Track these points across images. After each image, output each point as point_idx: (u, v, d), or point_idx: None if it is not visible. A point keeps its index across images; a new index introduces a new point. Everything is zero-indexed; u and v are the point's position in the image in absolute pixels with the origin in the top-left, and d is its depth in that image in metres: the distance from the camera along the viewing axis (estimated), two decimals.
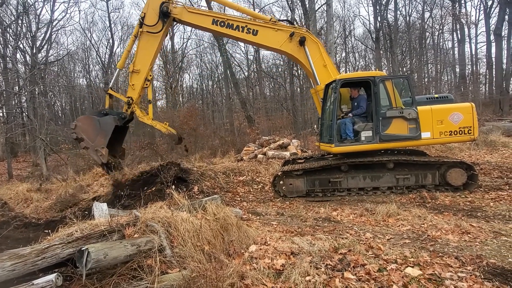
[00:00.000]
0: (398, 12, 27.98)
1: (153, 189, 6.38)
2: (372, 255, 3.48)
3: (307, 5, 17.50)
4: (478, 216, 4.75)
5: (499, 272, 2.91)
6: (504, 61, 26.86)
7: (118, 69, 8.18)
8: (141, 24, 7.47)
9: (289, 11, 23.76)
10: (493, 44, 26.69)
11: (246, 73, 28.39)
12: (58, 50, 22.62)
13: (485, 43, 28.43)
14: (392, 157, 6.57)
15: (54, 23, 18.29)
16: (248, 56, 30.52)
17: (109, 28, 24.71)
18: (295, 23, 21.28)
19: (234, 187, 7.81)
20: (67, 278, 2.40)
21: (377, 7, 27.73)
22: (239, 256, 3.68)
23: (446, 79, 33.71)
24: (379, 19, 28.07)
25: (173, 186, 6.22)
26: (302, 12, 20.34)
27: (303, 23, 21.33)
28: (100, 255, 2.45)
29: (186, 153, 8.77)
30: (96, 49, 25.00)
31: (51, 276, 2.15)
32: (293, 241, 4.05)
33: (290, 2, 20.61)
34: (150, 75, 7.72)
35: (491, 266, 3.03)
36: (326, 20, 16.28)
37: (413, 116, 6.38)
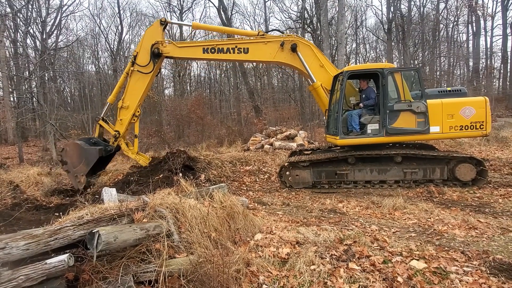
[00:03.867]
0: (412, 3, 27.24)
1: (160, 176, 6.45)
2: (378, 247, 3.49)
3: None
4: (486, 212, 4.71)
5: (505, 268, 2.90)
6: None
7: (108, 103, 8.36)
8: (133, 62, 7.65)
9: (300, 0, 23.35)
10: (510, 38, 25.96)
11: (254, 63, 28.16)
12: (68, 36, 22.70)
13: (501, 37, 27.62)
14: (400, 151, 6.51)
15: (63, 9, 18.30)
16: None
17: (118, 15, 24.61)
18: (305, 12, 20.98)
19: (240, 176, 7.86)
20: (78, 259, 2.46)
21: None
22: (245, 244, 3.74)
23: (459, 73, 32.97)
24: (392, 10, 27.41)
25: (180, 174, 6.29)
26: (313, 1, 20.00)
27: (314, 13, 20.98)
28: (110, 237, 2.50)
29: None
30: (105, 36, 25.02)
31: (64, 256, 2.21)
32: (298, 231, 4.08)
33: None
34: (138, 111, 7.90)
35: (498, 262, 3.02)
36: (337, 9, 15.94)
37: (422, 109, 6.28)
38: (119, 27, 24.82)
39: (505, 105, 24.05)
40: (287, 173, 6.97)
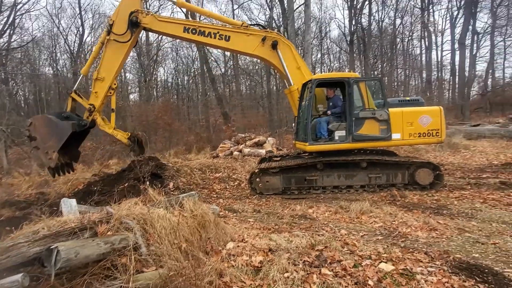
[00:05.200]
0: (372, 17, 28.92)
1: (126, 185, 6.15)
2: (348, 251, 3.57)
3: (286, 5, 17.63)
4: (444, 213, 5.02)
5: (464, 267, 3.09)
6: (467, 69, 28.69)
7: (82, 75, 7.87)
8: (108, 31, 7.28)
9: (268, 9, 23.82)
10: (457, 53, 28.37)
11: (223, 70, 28.15)
12: (22, 36, 21.11)
13: (450, 51, 30.17)
14: (365, 157, 6.79)
15: (18, 7, 17.04)
16: (225, 52, 30.26)
17: (79, 16, 23.43)
18: (272, 22, 21.44)
19: (210, 183, 7.72)
20: (34, 278, 2.24)
21: (352, 11, 28.52)
22: (217, 254, 3.64)
23: (414, 84, 35.37)
24: (353, 23, 28.94)
25: (147, 182, 6.05)
26: (280, 11, 20.47)
27: (281, 22, 21.48)
28: (70, 253, 2.31)
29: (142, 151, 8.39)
30: (65, 37, 23.63)
31: (17, 276, 2.00)
32: (270, 238, 4.06)
33: (269, 1, 20.64)
34: (115, 84, 7.55)
35: (457, 261, 3.21)
36: (304, 20, 16.48)
37: (385, 117, 6.61)
38: (80, 29, 23.63)
39: (454, 114, 26.11)
40: (257, 179, 6.97)
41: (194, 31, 7.34)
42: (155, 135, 14.90)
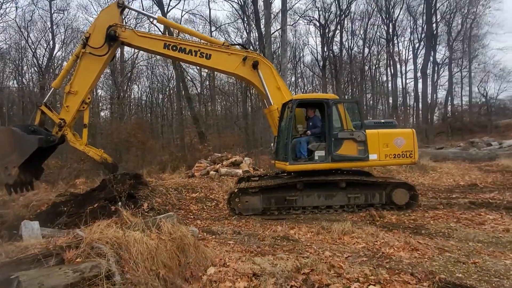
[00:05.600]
0: (342, 45, 30.57)
1: (96, 205, 5.69)
2: (335, 274, 3.45)
3: (263, 29, 18.16)
4: (422, 233, 5.09)
5: (451, 287, 3.07)
6: (429, 95, 30.82)
7: (53, 88, 7.48)
8: (84, 44, 7.04)
9: (245, 33, 24.46)
10: (420, 81, 30.50)
11: (199, 89, 28.10)
12: None
13: (413, 79, 32.38)
14: (344, 177, 6.84)
15: None
16: (202, 72, 30.38)
17: (50, 30, 22.61)
18: (250, 45, 21.96)
19: (186, 204, 7.39)
20: None
21: (324, 39, 30.06)
22: (197, 280, 3.38)
23: (381, 108, 37.23)
24: (325, 50, 30.44)
25: (120, 203, 5.66)
26: (257, 34, 21.04)
27: (258, 46, 22.05)
28: (34, 284, 2.02)
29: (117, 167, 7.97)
30: (33, 50, 22.58)
31: None
32: (254, 262, 3.86)
33: (246, 25, 21.20)
34: (89, 98, 7.25)
35: (443, 281, 3.20)
36: (280, 44, 17.04)
37: (362, 138, 6.76)
38: (51, 43, 22.75)
39: (419, 138, 27.52)
40: (236, 199, 6.77)
41: (174, 48, 7.27)
42: (128, 154, 14.28)
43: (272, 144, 8.19)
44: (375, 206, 6.75)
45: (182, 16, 23.30)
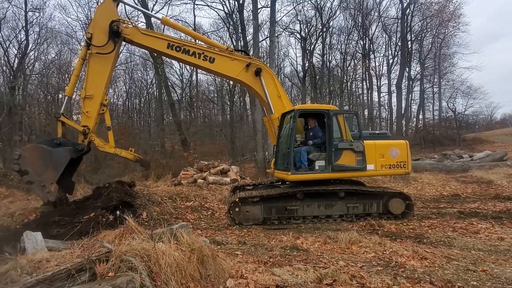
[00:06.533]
0: (322, 58, 31.51)
1: (92, 215, 5.34)
2: (358, 285, 3.46)
3: (250, 38, 18.33)
4: (424, 242, 5.25)
5: None
6: (403, 109, 32.35)
7: (67, 97, 7.26)
8: (88, 45, 6.81)
9: (229, 41, 24.52)
10: (394, 94, 32.00)
11: (180, 96, 27.68)
12: None
13: (387, 93, 33.92)
14: (343, 187, 6.95)
15: None
16: (183, 78, 30.03)
17: (24, 28, 21.39)
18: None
19: (183, 213, 7.16)
20: None
21: (306, 52, 30.86)
22: None
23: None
24: (306, 61, 31.23)
25: (118, 212, 5.37)
26: (242, 43, 21.15)
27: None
28: None
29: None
30: (4, 49, 21.22)
31: None
32: (273, 273, 3.79)
33: (233, 34, 21.28)
34: (106, 100, 7.06)
35: None
36: (268, 54, 17.24)
37: (361, 149, 6.93)
38: (24, 42, 21.50)
39: None
40: (237, 209, 6.65)
41: (178, 49, 7.18)
42: (109, 160, 13.67)
43: (266, 153, 8.18)
44: (372, 215, 6.90)
45: None
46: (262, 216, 6.66)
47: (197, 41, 8.04)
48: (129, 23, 7.23)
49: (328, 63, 33.55)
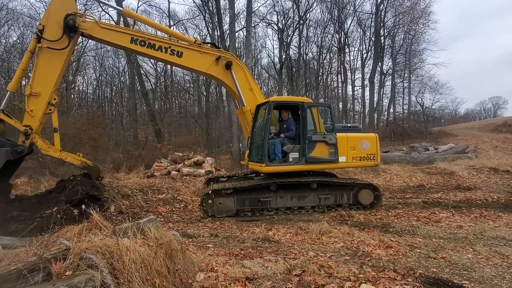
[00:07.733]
0: (299, 50, 31.67)
1: (55, 209, 5.06)
2: (326, 274, 3.54)
3: (226, 28, 17.99)
4: (390, 231, 5.47)
5: (432, 282, 3.34)
6: (375, 102, 33.37)
7: (9, 91, 6.46)
8: (39, 38, 6.20)
9: (205, 30, 23.97)
10: (367, 88, 32.92)
11: (154, 85, 26.83)
12: None
13: (361, 87, 34.83)
14: (315, 178, 7.06)
15: None
16: (157, 67, 29.08)
17: None
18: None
19: (154, 206, 6.99)
20: None
21: (283, 44, 30.83)
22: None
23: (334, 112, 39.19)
24: (282, 53, 31.24)
25: (83, 206, 5.13)
26: (218, 33, 20.76)
27: (220, 45, 21.79)
28: None
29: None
30: None
31: None
32: (243, 265, 3.79)
33: (209, 22, 20.78)
34: (55, 99, 6.47)
35: (424, 277, 3.46)
36: (245, 44, 17.02)
37: (333, 141, 7.05)
38: None
39: None
40: (210, 201, 6.59)
41: (142, 43, 6.80)
42: (76, 151, 13.01)
43: (240, 145, 8.13)
44: (343, 206, 7.09)
45: (138, 7, 21.83)
46: (235, 208, 6.65)
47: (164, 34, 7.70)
48: (88, 16, 6.69)
49: (304, 55, 33.84)
